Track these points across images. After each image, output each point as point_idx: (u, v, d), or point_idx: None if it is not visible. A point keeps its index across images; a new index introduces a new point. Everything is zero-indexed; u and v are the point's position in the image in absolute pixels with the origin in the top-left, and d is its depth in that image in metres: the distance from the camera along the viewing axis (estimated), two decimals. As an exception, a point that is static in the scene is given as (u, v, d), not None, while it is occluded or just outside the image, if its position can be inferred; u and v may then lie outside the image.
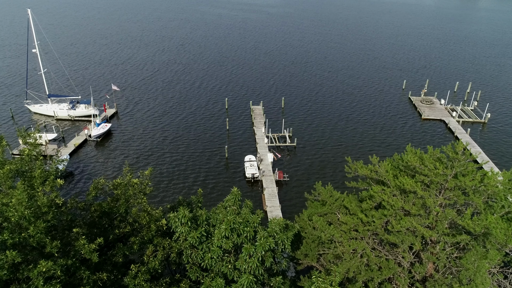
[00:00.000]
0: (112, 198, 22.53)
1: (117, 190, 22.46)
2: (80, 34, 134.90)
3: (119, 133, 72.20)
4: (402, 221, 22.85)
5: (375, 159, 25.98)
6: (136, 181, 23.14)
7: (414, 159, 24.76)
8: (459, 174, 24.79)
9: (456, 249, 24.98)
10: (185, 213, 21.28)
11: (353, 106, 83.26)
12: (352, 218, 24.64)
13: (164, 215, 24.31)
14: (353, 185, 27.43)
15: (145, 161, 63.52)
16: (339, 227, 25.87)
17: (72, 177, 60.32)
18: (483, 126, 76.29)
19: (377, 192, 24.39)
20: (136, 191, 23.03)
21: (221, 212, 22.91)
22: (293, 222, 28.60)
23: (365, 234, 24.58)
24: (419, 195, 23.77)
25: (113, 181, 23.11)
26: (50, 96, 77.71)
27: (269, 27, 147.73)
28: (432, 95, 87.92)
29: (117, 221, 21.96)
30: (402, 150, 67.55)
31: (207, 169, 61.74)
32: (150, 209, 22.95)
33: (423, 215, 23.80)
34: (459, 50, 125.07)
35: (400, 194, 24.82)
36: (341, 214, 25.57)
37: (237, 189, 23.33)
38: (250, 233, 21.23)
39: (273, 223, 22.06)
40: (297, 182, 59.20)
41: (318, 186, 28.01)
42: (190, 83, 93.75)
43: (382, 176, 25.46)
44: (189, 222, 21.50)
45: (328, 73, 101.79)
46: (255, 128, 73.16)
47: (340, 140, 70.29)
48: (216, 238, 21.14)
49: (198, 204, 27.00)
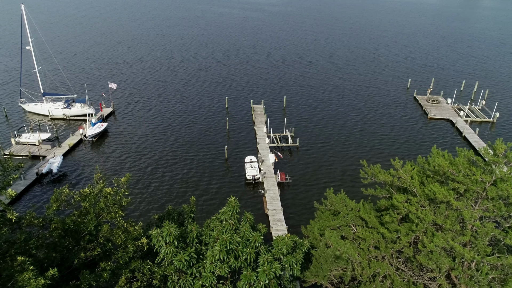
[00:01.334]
0: (78, 212, 17.86)
1: (85, 202, 17.76)
2: (76, 32, 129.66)
3: (115, 133, 67.61)
4: (435, 238, 18.25)
5: (398, 163, 21.35)
6: (109, 191, 18.42)
7: (445, 163, 20.15)
8: (498, 181, 20.19)
9: (495, 269, 20.39)
10: (170, 230, 16.73)
11: (357, 105, 78.58)
12: (372, 233, 20.05)
13: (146, 231, 19.63)
14: (371, 193, 22.82)
15: (143, 162, 58.97)
16: (355, 242, 21.28)
17: (65, 179, 55.77)
18: (491, 125, 71.59)
19: (401, 202, 19.78)
20: (109, 203, 18.33)
21: (216, 227, 18.40)
22: (303, 238, 23.92)
23: (387, 252, 20.00)
24: (453, 206, 19.17)
25: (80, 190, 18.45)
26: (44, 95, 73.15)
27: (270, 26, 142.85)
28: (438, 94, 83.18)
29: (84, 241, 17.17)
30: (410, 150, 63.35)
31: (206, 170, 57.18)
32: (128, 224, 18.27)
33: (458, 231, 19.20)
34: (465, 49, 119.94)
35: (429, 205, 20.22)
36: (358, 228, 20.98)
37: (235, 198, 18.75)
38: (250, 255, 16.69)
39: (279, 243, 17.47)
40: (300, 184, 54.65)
41: (330, 193, 23.40)
42: (190, 82, 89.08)
43: (406, 183, 20.85)
44: (176, 241, 16.97)
45: (331, 71, 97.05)
46: (256, 128, 68.57)
47: (344, 140, 65.68)
48: (209, 262, 16.60)
49: (191, 214, 22.40)
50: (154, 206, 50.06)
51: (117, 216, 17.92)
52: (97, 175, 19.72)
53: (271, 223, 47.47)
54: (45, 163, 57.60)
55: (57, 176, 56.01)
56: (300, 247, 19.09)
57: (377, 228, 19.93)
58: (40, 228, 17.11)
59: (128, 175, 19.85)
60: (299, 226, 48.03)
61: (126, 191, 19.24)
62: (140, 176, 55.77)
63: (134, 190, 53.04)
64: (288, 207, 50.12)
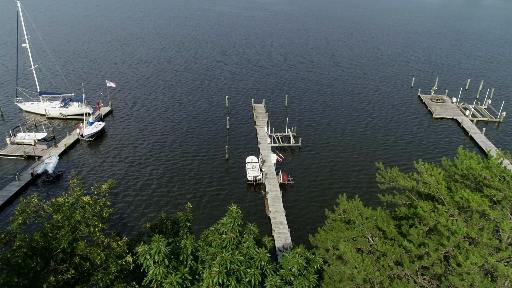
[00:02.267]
0: (50, 225, 14.74)
1: (59, 214, 14.63)
2: (75, 31, 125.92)
3: (113, 133, 64.60)
4: (470, 254, 15.25)
5: (422, 166, 18.30)
6: (87, 200, 15.30)
7: (477, 167, 17.15)
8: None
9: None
10: (159, 247, 13.75)
11: (360, 104, 75.50)
12: (393, 247, 17.02)
13: (133, 246, 16.52)
14: (389, 199, 19.80)
15: (142, 163, 55.97)
16: (372, 256, 18.27)
17: (60, 180, 52.84)
18: (498, 125, 68.54)
19: (427, 211, 16.77)
20: (87, 215, 15.22)
21: (215, 240, 15.43)
22: (311, 249, 20.88)
23: (412, 269, 17.00)
24: (490, 216, 16.18)
25: (52, 200, 15.33)
26: (41, 94, 70.05)
27: (272, 25, 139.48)
28: (443, 93, 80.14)
29: (56, 261, 14.07)
30: (416, 150, 60.18)
31: (206, 171, 54.19)
32: (111, 240, 15.19)
33: (495, 245, 16.20)
34: (469, 47, 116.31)
35: (459, 214, 17.22)
36: (376, 240, 17.96)
37: (236, 207, 15.75)
38: (255, 277, 13.70)
39: (289, 261, 14.49)
40: (303, 185, 51.67)
41: (343, 200, 20.36)
42: (190, 81, 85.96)
43: (432, 189, 17.83)
44: (167, 259, 14.00)
45: (333, 70, 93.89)
46: (257, 128, 65.55)
47: (347, 140, 62.65)
48: (206, 285, 13.64)
49: (186, 223, 19.41)
50: (151, 209, 47.07)
51: (96, 230, 14.79)
52: (73, 181, 16.65)
53: (273, 225, 44.64)
54: (40, 164, 54.82)
55: (53, 177, 53.18)
56: (312, 263, 16.09)
57: (398, 240, 16.97)
58: (3, 246, 13.98)
59: (111, 181, 16.80)
60: (302, 229, 45.25)
61: (108, 200, 16.13)
62: (137, 178, 52.78)
63: (131, 192, 50.06)
64: (290, 209, 47.21)
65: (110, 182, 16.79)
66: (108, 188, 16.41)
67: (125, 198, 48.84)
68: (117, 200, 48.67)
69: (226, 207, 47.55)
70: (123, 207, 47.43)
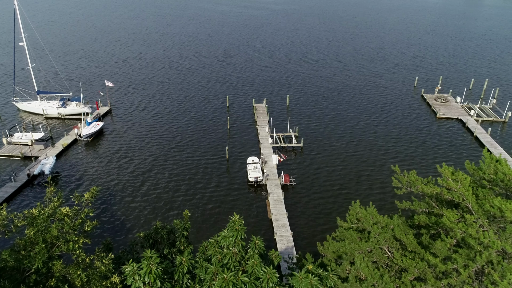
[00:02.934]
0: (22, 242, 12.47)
1: (32, 228, 12.36)
2: (74, 30, 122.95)
3: (112, 133, 62.46)
4: (508, 272, 13.14)
5: (447, 170, 16.15)
6: (66, 212, 13.05)
7: (510, 172, 15.02)
8: None
9: None
10: (150, 267, 11.65)
11: (363, 104, 73.31)
12: (415, 261, 14.90)
13: (123, 259, 14.33)
14: (406, 206, 17.66)
15: (140, 163, 53.85)
16: (390, 270, 16.15)
17: (57, 181, 50.74)
18: (503, 125, 66.41)
19: (454, 221, 14.65)
20: (66, 229, 12.97)
21: (215, 255, 13.32)
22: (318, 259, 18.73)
23: (438, 286, 14.87)
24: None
25: (25, 212, 13.11)
26: (39, 93, 67.86)
27: (273, 24, 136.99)
28: (446, 92, 77.96)
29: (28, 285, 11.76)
30: (420, 151, 57.96)
31: (206, 172, 52.04)
32: (96, 257, 12.99)
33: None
34: (473, 47, 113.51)
35: (489, 225, 15.10)
36: (395, 252, 15.83)
37: (239, 218, 13.60)
38: (262, 302, 11.60)
39: (301, 282, 12.36)
40: (305, 186, 49.57)
41: (355, 207, 18.20)
42: (190, 81, 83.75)
43: (458, 196, 15.70)
44: (159, 280, 11.90)
45: (335, 69, 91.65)
46: (258, 128, 63.40)
47: (349, 139, 60.47)
48: (204, 311, 11.55)
49: (184, 232, 17.28)
50: (148, 211, 44.93)
51: (76, 247, 12.56)
52: (50, 189, 14.41)
53: (275, 228, 42.60)
54: (37, 164, 52.77)
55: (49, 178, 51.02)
56: (325, 281, 13.96)
57: (419, 253, 14.86)
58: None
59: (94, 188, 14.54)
60: (305, 232, 43.12)
61: (90, 211, 13.90)
62: (136, 178, 50.66)
63: (128, 195, 47.95)
64: (292, 211, 45.12)
65: (94, 190, 14.50)
66: (91, 197, 14.13)
67: (124, 199, 46.73)
68: (113, 203, 46.54)
69: (226, 209, 45.43)
70: (118, 210, 45.30)
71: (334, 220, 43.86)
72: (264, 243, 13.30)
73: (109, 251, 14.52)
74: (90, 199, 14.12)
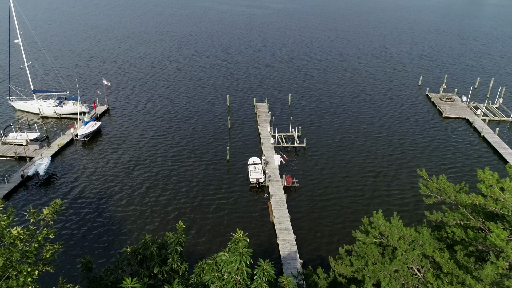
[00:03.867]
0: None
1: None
2: (72, 28, 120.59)
3: (110, 133, 60.32)
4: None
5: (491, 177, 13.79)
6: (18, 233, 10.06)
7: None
8: None
9: None
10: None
11: (367, 103, 71.10)
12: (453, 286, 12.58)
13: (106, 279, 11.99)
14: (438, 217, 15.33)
15: (139, 164, 51.69)
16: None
17: (52, 183, 48.58)
18: (510, 125, 64.18)
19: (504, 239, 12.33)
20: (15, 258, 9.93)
21: (213, 283, 11.05)
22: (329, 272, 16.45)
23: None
24: None
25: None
26: (35, 92, 65.76)
27: (274, 23, 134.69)
28: (452, 91, 75.68)
29: None
30: (427, 151, 55.89)
31: (205, 173, 49.89)
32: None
33: None
34: (478, 46, 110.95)
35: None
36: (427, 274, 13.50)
37: (242, 235, 11.38)
38: None
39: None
40: (309, 188, 47.43)
41: (379, 218, 15.84)
42: (189, 80, 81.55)
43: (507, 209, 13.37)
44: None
45: (338, 68, 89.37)
46: (260, 127, 61.25)
47: (353, 139, 58.32)
48: None
49: (177, 248, 15.04)
50: (146, 215, 42.80)
51: (29, 281, 9.72)
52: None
53: (277, 232, 40.60)
54: (32, 165, 50.75)
55: (44, 179, 49.03)
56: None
57: (457, 275, 12.58)
58: None
59: (59, 201, 11.87)
60: (309, 238, 40.95)
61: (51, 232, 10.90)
62: (135, 179, 48.51)
63: (124, 198, 45.78)
64: (296, 214, 43.02)
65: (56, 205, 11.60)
66: (52, 214, 11.16)
67: (120, 203, 44.58)
68: (107, 206, 44.39)
69: (226, 211, 43.20)
70: (113, 216, 43.13)
71: (340, 224, 41.94)
72: (274, 269, 10.97)
73: (88, 271, 12.27)
74: (51, 216, 11.18)
